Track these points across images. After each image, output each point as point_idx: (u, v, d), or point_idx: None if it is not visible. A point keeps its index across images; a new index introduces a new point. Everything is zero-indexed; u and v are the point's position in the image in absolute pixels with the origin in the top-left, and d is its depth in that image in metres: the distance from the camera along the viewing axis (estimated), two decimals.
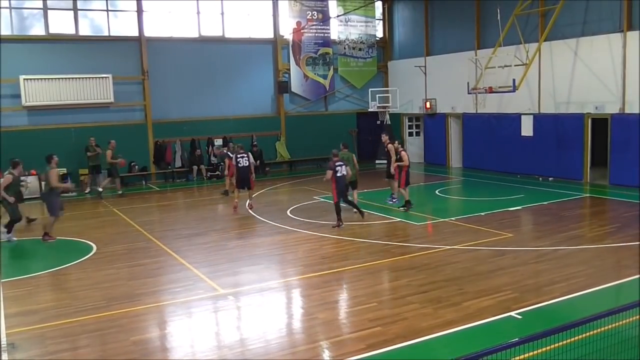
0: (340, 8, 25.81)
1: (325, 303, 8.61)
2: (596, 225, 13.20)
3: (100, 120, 21.56)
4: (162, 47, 22.62)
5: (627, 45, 17.35)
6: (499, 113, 21.61)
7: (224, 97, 23.93)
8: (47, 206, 13.81)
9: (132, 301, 8.93)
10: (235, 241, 12.88)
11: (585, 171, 18.98)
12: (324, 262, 10.81)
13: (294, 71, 25.17)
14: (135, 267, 10.93)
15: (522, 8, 19.26)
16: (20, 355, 7.09)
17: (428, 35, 25.11)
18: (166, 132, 22.81)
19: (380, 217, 14.69)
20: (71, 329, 7.89)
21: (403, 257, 10.84)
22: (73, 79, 20.70)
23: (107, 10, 21.69)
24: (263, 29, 24.71)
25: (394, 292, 9.13)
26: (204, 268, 10.67)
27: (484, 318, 7.70)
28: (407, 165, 15.13)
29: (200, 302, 8.87)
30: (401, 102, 25.82)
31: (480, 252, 11.11)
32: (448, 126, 24.20)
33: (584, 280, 9.15)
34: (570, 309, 8.08)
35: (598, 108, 18.33)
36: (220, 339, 7.55)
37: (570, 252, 10.85)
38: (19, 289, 9.69)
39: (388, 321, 7.72)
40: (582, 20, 18.70)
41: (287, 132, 25.22)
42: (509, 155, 21.13)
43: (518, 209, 15.07)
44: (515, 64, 18.68)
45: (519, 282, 9.12)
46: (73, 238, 13.55)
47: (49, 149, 20.29)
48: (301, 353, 6.90)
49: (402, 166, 15.10)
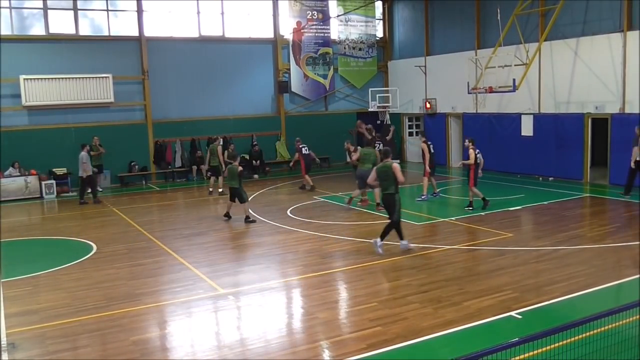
0: (340, 8, 25.81)
1: (326, 303, 8.61)
2: (596, 225, 13.20)
3: (100, 120, 21.56)
4: (162, 47, 22.62)
5: (627, 45, 17.35)
6: (499, 113, 21.61)
7: (224, 97, 23.93)
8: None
9: (132, 301, 8.93)
10: (235, 241, 12.89)
11: (585, 171, 18.98)
12: (324, 262, 10.81)
13: (294, 71, 25.18)
14: (135, 267, 10.93)
15: (522, 8, 19.26)
16: (20, 355, 7.09)
17: (428, 35, 25.11)
18: (166, 132, 22.81)
19: (380, 217, 14.68)
20: (71, 328, 7.90)
21: (403, 257, 10.83)
22: (73, 78, 20.70)
23: (107, 10, 21.69)
24: (263, 29, 24.71)
25: (394, 291, 9.13)
26: (204, 268, 10.67)
27: (484, 318, 7.70)
28: (473, 164, 14.79)
29: (201, 302, 8.87)
30: (401, 102, 25.82)
31: (480, 252, 11.11)
32: (448, 126, 24.20)
33: (584, 280, 9.15)
34: (570, 309, 8.08)
35: (598, 108, 18.33)
36: (220, 339, 7.56)
37: (571, 251, 10.85)
38: (19, 289, 9.70)
39: (388, 321, 7.73)
40: (582, 20, 18.70)
41: (287, 132, 25.21)
42: (509, 155, 21.12)
43: (518, 209, 15.07)
44: (515, 63, 18.68)
45: (519, 282, 9.13)
46: (73, 238, 13.56)
47: (49, 149, 20.52)
48: (301, 353, 6.90)
49: (469, 165, 14.84)
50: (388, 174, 10.99)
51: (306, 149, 19.31)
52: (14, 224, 15.56)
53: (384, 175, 11.09)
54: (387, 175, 11.01)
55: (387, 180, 11.05)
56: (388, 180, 11.03)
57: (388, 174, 10.98)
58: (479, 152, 14.95)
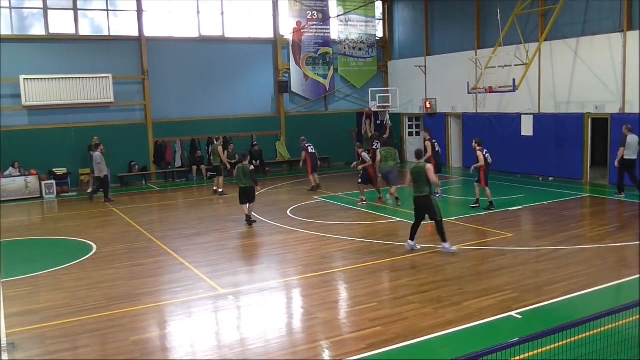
0: (340, 8, 25.82)
1: (326, 303, 8.61)
2: (596, 225, 13.19)
3: (100, 120, 21.56)
4: (162, 47, 22.62)
5: (627, 45, 17.35)
6: (499, 113, 21.60)
7: (224, 97, 23.93)
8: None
9: (132, 301, 8.93)
10: (235, 241, 12.88)
11: (585, 171, 18.98)
12: (324, 262, 10.81)
13: (294, 71, 25.18)
14: (135, 267, 10.93)
15: (522, 8, 19.26)
16: (20, 355, 7.09)
17: (428, 35, 25.11)
18: (166, 132, 22.81)
19: (380, 217, 14.69)
20: (71, 328, 7.90)
21: (403, 257, 10.83)
22: (73, 78, 20.70)
23: (107, 10, 21.69)
24: (263, 29, 24.71)
25: (394, 291, 9.13)
26: (204, 268, 10.67)
27: (484, 318, 7.70)
28: (482, 165, 14.74)
29: (201, 302, 8.87)
30: (401, 102, 25.81)
31: (480, 252, 11.11)
32: (448, 126, 24.20)
33: (584, 280, 9.15)
34: (570, 309, 8.08)
35: (598, 108, 18.33)
36: (220, 339, 7.56)
37: (571, 251, 10.85)
38: (19, 289, 9.70)
39: (388, 321, 7.72)
40: (582, 20, 18.70)
41: (287, 132, 25.22)
42: (509, 155, 21.10)
43: (518, 209, 15.08)
44: (515, 63, 18.68)
45: (519, 282, 9.12)
46: (73, 238, 13.56)
47: (49, 149, 20.52)
48: (301, 353, 6.90)
49: (479, 166, 14.76)
50: (421, 175, 10.84)
51: (312, 147, 19.33)
52: (14, 224, 15.56)
53: (417, 176, 10.93)
54: (420, 177, 10.86)
55: (421, 182, 10.88)
56: (421, 181, 10.86)
57: (421, 175, 10.83)
58: (487, 152, 14.90)
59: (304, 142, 19.40)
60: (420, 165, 11.04)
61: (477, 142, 15.05)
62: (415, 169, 11.07)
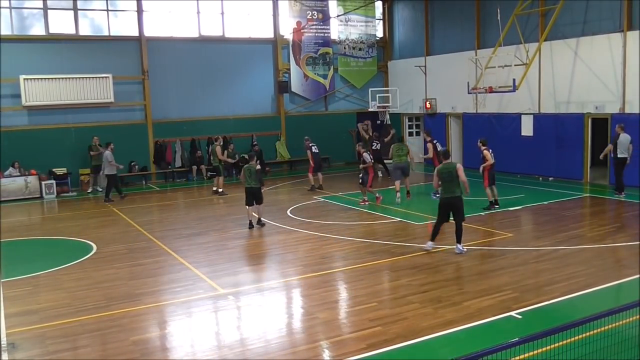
0: (340, 8, 25.81)
1: (325, 303, 8.61)
2: (596, 225, 13.19)
3: (100, 120, 21.56)
4: (162, 47, 22.62)
5: (627, 45, 17.34)
6: (499, 113, 21.60)
7: (224, 97, 23.93)
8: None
9: (132, 301, 8.93)
10: (235, 241, 12.88)
11: (585, 171, 18.98)
12: (324, 262, 10.81)
13: (294, 71, 25.17)
14: (135, 267, 10.93)
15: (522, 8, 19.26)
16: (20, 355, 7.09)
17: (428, 35, 25.10)
18: (166, 132, 22.81)
19: (380, 216, 14.69)
20: (71, 328, 7.90)
21: (403, 257, 10.83)
22: (73, 78, 20.69)
23: (107, 10, 21.68)
24: (263, 29, 24.70)
25: (394, 291, 9.14)
26: (204, 268, 10.67)
27: (484, 318, 7.70)
28: (491, 162, 14.70)
29: (201, 302, 8.87)
30: (401, 102, 25.81)
31: (480, 252, 11.11)
32: (448, 126, 24.20)
33: (584, 280, 9.15)
34: (570, 309, 8.08)
35: (598, 108, 18.33)
36: (220, 339, 7.56)
37: (571, 251, 10.85)
38: (19, 289, 9.70)
39: (388, 321, 7.73)
40: (582, 20, 18.70)
41: (287, 132, 25.21)
42: (509, 155, 21.08)
43: (518, 209, 15.08)
44: (515, 63, 18.68)
45: (519, 282, 9.13)
46: (73, 238, 13.56)
47: (49, 149, 20.51)
48: (301, 353, 6.90)
49: (487, 165, 14.71)
50: (452, 175, 10.52)
51: (316, 147, 19.35)
52: (14, 224, 15.56)
53: (449, 176, 10.58)
54: (452, 176, 10.54)
55: (452, 182, 10.58)
56: (453, 181, 10.56)
57: (452, 174, 10.52)
58: (492, 152, 14.88)
59: (307, 141, 19.40)
60: (450, 165, 10.70)
61: (482, 142, 15.02)
62: (445, 169, 10.69)
